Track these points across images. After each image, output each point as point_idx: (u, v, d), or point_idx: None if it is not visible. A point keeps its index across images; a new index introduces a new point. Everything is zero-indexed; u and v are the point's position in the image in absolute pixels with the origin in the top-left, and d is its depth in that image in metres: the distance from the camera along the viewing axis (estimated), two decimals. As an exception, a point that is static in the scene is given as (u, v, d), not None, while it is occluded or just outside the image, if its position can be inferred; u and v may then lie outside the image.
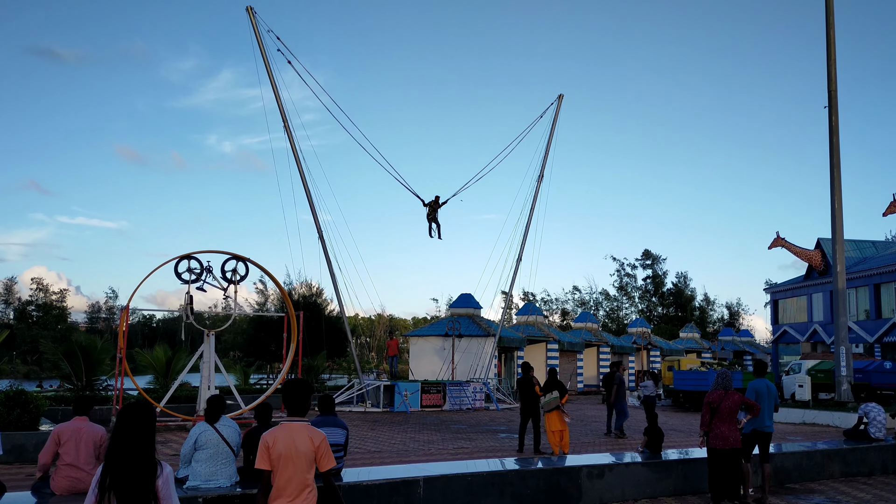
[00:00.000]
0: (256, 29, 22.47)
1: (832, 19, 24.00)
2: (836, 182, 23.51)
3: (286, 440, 4.41)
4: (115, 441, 3.79)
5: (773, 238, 42.05)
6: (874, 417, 12.54)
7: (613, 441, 16.62)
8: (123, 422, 3.83)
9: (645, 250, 76.03)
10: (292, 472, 4.37)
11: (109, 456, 3.77)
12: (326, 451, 4.46)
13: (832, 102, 23.76)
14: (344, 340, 31.52)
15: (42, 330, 63.72)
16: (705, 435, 8.84)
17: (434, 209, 25.30)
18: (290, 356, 19.35)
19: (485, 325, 32.67)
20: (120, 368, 17.46)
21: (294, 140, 23.39)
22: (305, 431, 4.49)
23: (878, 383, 24.93)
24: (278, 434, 4.44)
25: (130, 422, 3.83)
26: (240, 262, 18.35)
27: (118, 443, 3.78)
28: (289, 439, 4.42)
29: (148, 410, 3.96)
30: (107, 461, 3.77)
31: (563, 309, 76.06)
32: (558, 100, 29.24)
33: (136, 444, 3.78)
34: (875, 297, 37.39)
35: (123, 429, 3.80)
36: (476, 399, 26.27)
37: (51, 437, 6.96)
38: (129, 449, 3.76)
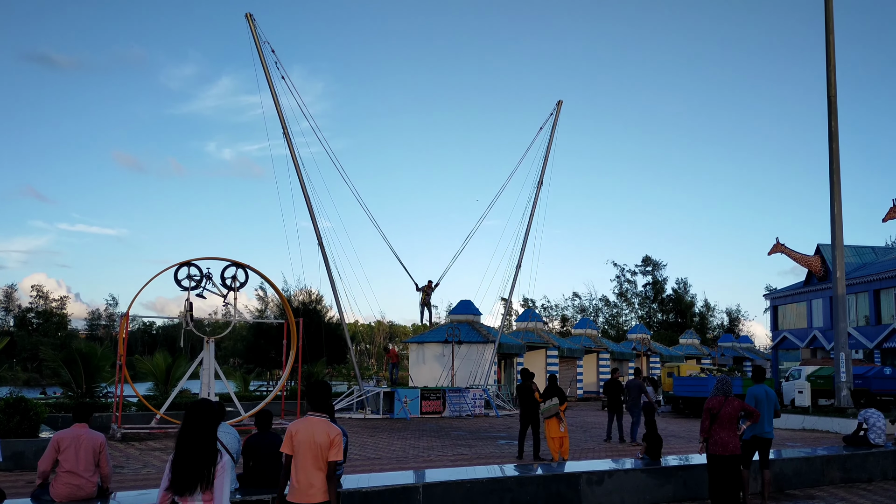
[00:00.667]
0: (256, 36, 22.56)
1: (832, 25, 24.09)
2: (835, 188, 23.55)
3: (307, 431, 5.14)
4: (183, 431, 4.55)
5: (772, 244, 42.12)
6: (874, 423, 12.56)
7: (613, 447, 16.61)
8: (190, 416, 4.59)
9: (645, 256, 76.10)
10: (309, 458, 5.08)
11: (179, 443, 4.53)
12: (339, 444, 5.14)
13: (832, 108, 23.82)
14: (343, 347, 31.51)
15: (42, 337, 63.65)
16: (705, 441, 8.85)
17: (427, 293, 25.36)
18: (289, 363, 19.36)
19: (484, 332, 32.67)
20: (120, 375, 17.48)
21: (293, 147, 23.45)
22: (324, 426, 5.18)
23: (878, 389, 24.91)
24: (301, 425, 5.18)
25: (196, 416, 4.57)
26: (239, 268, 18.38)
27: (186, 433, 4.53)
28: (309, 431, 5.14)
29: (210, 407, 4.67)
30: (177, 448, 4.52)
31: (562, 315, 76.02)
32: (557, 106, 29.32)
33: (200, 435, 4.51)
34: (875, 303, 37.40)
35: (190, 422, 4.56)
36: (476, 406, 26.24)
37: (50, 444, 6.97)
38: (194, 438, 4.50)
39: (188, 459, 4.47)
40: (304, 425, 5.18)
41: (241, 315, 26.15)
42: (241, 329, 41.34)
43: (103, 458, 7.04)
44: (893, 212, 34.02)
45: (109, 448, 7.35)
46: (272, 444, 7.28)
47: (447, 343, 30.48)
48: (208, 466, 4.46)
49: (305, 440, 5.12)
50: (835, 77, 23.93)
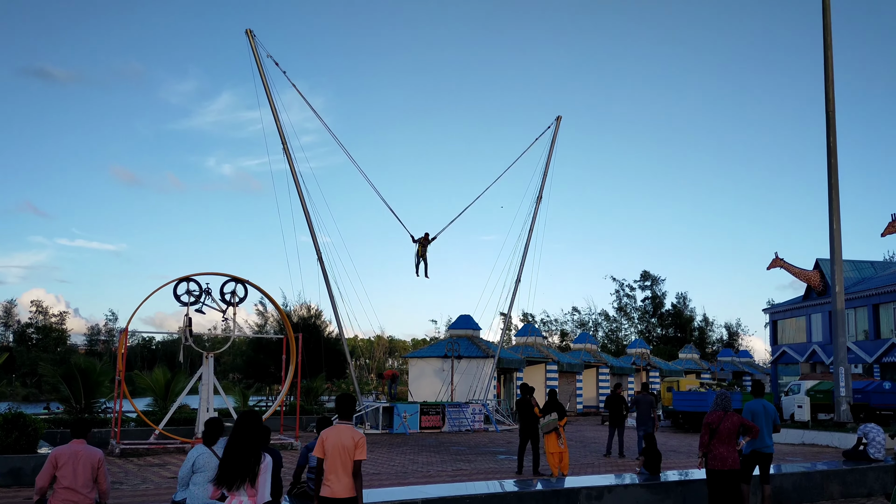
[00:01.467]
0: (256, 52, 22.76)
1: (829, 41, 24.34)
2: (834, 203, 23.66)
3: (335, 437, 6.00)
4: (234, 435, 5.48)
5: (771, 259, 42.20)
6: (873, 438, 12.55)
7: (613, 462, 16.56)
8: (240, 424, 5.58)
9: (643, 271, 76.07)
10: (338, 460, 5.92)
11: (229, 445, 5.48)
12: (362, 445, 6.01)
13: (830, 124, 24.00)
14: (343, 362, 31.46)
15: (41, 352, 63.43)
16: (704, 456, 8.86)
17: (424, 246, 25.26)
18: (288, 378, 19.35)
19: (484, 347, 32.64)
20: (119, 391, 17.46)
21: (293, 162, 23.58)
22: (349, 431, 6.06)
23: (878, 404, 24.88)
24: (331, 432, 6.06)
25: (245, 424, 5.57)
26: (239, 284, 18.44)
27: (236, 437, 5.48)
28: (337, 436, 6.01)
29: (256, 417, 5.70)
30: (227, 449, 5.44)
31: (562, 330, 75.87)
32: (556, 121, 29.51)
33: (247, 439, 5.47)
34: (874, 318, 37.41)
35: (240, 428, 5.54)
36: (475, 420, 26.18)
37: (48, 460, 6.94)
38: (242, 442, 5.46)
39: (237, 459, 5.38)
40: (333, 432, 6.04)
41: (241, 330, 26.11)
42: (241, 344, 41.32)
43: (101, 475, 7.03)
44: (892, 226, 34.12)
45: (108, 464, 7.35)
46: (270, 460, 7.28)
47: (447, 358, 30.45)
48: (253, 465, 5.39)
49: (335, 444, 5.95)
50: (833, 93, 24.14)
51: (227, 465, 5.40)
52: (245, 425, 5.57)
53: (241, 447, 5.45)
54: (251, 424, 5.59)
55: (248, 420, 5.63)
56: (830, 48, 24.29)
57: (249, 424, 5.58)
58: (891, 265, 43.25)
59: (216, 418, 7.40)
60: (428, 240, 25.30)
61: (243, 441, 5.47)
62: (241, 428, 5.55)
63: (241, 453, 5.42)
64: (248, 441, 5.48)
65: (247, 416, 5.70)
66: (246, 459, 5.42)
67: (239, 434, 5.51)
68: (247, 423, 5.58)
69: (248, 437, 5.50)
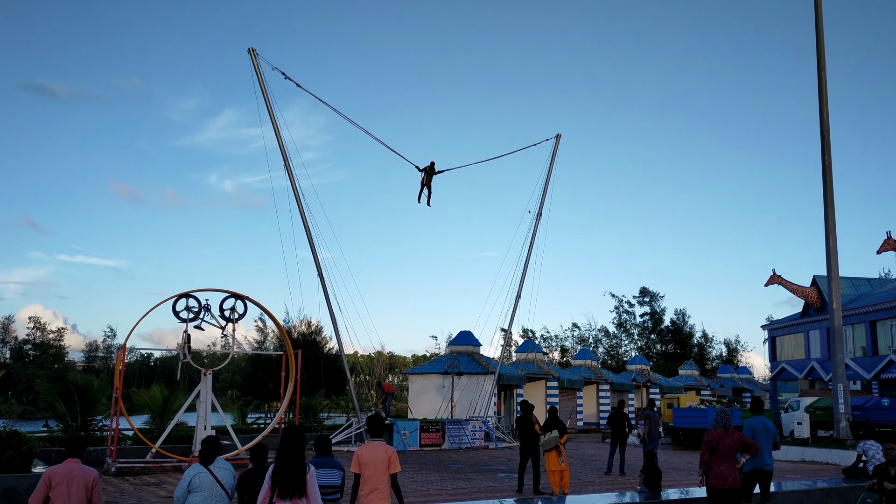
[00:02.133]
0: (258, 70, 22.93)
1: (823, 62, 24.59)
2: (830, 220, 23.76)
3: (371, 453, 6.77)
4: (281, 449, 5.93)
5: (769, 275, 42.24)
6: (873, 455, 12.53)
7: (614, 480, 16.47)
8: (287, 438, 6.03)
9: (642, 288, 76.08)
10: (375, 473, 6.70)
11: (278, 459, 5.88)
12: (395, 459, 6.73)
13: (825, 143, 24.17)
14: (343, 379, 31.30)
15: (38, 369, 63.14)
16: (705, 474, 8.84)
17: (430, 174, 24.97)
18: (288, 395, 19.26)
19: (484, 363, 32.54)
20: (115, 408, 17.36)
21: (294, 179, 23.66)
22: (382, 448, 6.84)
23: (877, 420, 24.81)
24: (365, 449, 6.81)
25: (291, 438, 6.01)
26: (238, 300, 18.40)
27: (283, 450, 5.91)
28: (371, 452, 6.78)
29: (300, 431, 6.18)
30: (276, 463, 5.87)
31: (562, 346, 75.68)
32: (556, 139, 29.67)
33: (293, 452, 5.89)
34: (871, 335, 37.40)
35: (286, 441, 5.98)
36: (475, 438, 26.03)
37: (41, 479, 6.87)
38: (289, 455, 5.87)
39: (288, 471, 5.83)
40: (367, 448, 6.90)
41: (240, 346, 26.00)
42: (240, 361, 41.17)
43: (95, 494, 6.96)
44: (887, 244, 34.22)
45: (103, 483, 7.33)
46: (268, 479, 7.23)
47: (447, 374, 30.34)
48: (302, 476, 5.83)
49: (371, 460, 6.77)
50: (827, 113, 24.34)
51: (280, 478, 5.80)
52: (291, 439, 5.97)
53: (289, 460, 5.84)
54: (296, 439, 5.98)
55: (293, 435, 6.04)
56: (824, 69, 24.54)
57: (295, 439, 5.97)
58: (887, 282, 43.31)
59: (213, 437, 7.35)
60: (434, 169, 25.02)
61: (291, 454, 5.86)
62: (288, 441, 5.92)
63: (291, 465, 5.82)
64: (295, 453, 5.87)
65: (292, 429, 6.15)
66: (296, 471, 5.81)
67: (286, 447, 5.89)
68: (292, 439, 5.98)
69: (295, 449, 5.88)
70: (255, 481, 7.20)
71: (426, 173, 24.90)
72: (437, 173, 25.10)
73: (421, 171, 24.92)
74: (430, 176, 24.96)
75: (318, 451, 7.71)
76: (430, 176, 24.96)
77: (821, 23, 24.81)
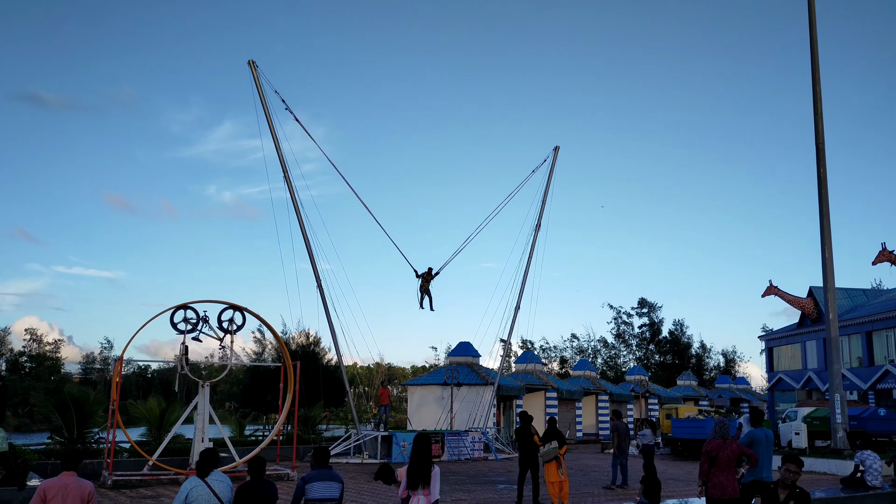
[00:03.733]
0: (258, 82, 23.03)
1: (818, 74, 24.79)
2: (826, 231, 23.87)
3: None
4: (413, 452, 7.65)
5: (766, 286, 42.33)
6: (870, 465, 12.55)
7: (613, 491, 16.44)
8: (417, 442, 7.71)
9: (640, 299, 76.08)
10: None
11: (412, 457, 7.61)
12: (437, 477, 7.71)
13: (820, 155, 24.32)
14: (342, 390, 31.20)
15: (35, 381, 62.82)
16: (704, 485, 8.85)
17: (427, 280, 25.33)
18: (286, 406, 19.22)
19: (483, 374, 32.49)
20: (112, 421, 17.30)
21: (294, 190, 23.70)
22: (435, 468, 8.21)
23: (873, 430, 24.83)
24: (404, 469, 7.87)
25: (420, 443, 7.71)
26: (237, 311, 18.39)
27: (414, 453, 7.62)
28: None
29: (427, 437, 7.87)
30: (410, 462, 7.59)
31: (561, 357, 75.57)
32: (554, 152, 29.79)
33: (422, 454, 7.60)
34: (867, 345, 37.45)
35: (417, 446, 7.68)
36: (475, 449, 25.95)
37: (37, 493, 6.84)
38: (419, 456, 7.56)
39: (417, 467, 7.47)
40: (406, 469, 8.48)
41: (238, 358, 25.89)
42: (238, 372, 41.01)
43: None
44: (882, 255, 34.35)
45: (99, 496, 7.32)
46: (265, 492, 7.14)
47: (446, 385, 30.29)
48: (428, 473, 7.49)
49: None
50: (822, 126, 24.52)
51: (413, 472, 7.44)
52: (421, 444, 7.66)
53: (420, 459, 7.49)
54: (426, 443, 7.68)
55: (423, 440, 7.73)
56: (819, 82, 24.75)
57: (424, 443, 7.67)
58: (882, 293, 43.42)
59: (212, 449, 7.34)
60: (431, 275, 25.37)
61: (421, 455, 7.54)
62: (418, 446, 7.65)
63: (420, 464, 7.46)
64: (424, 455, 7.56)
65: (421, 436, 7.81)
66: (424, 468, 7.46)
67: (418, 450, 7.62)
68: (422, 442, 7.68)
69: (424, 452, 7.58)
70: (253, 494, 7.16)
71: (423, 279, 25.30)
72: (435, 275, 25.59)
73: (418, 277, 25.36)
74: (428, 282, 25.35)
75: (316, 464, 7.69)
76: (428, 282, 25.35)
77: (815, 35, 25.04)
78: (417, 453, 7.58)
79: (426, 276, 25.28)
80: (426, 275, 25.32)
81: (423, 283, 25.30)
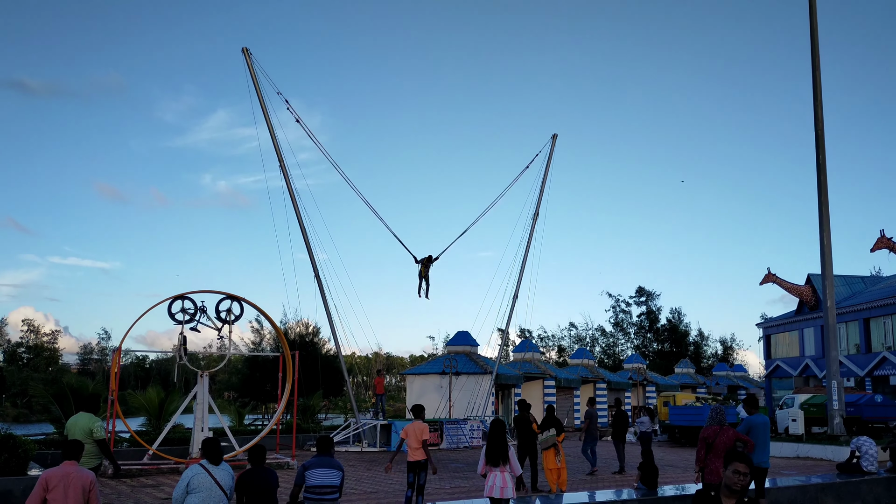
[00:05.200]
0: (252, 70, 22.87)
1: (818, 62, 24.71)
2: (824, 219, 23.88)
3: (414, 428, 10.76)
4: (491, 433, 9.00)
5: (764, 274, 42.41)
6: (866, 451, 12.63)
7: (611, 478, 16.54)
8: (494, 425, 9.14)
9: (639, 287, 76.20)
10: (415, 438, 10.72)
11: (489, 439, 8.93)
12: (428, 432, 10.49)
13: (819, 142, 24.30)
14: (340, 379, 31.27)
15: (33, 372, 62.87)
16: (700, 471, 8.91)
17: (426, 266, 25.30)
18: (285, 396, 19.27)
19: (482, 363, 32.58)
20: (111, 411, 17.33)
21: (290, 179, 23.58)
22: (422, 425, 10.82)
23: (870, 417, 24.98)
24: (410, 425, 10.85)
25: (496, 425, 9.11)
26: (234, 301, 18.38)
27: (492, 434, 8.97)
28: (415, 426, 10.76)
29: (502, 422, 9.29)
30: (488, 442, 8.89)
31: (559, 345, 75.77)
32: (552, 139, 29.71)
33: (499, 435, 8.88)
34: (865, 332, 37.58)
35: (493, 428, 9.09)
36: (473, 437, 26.07)
37: (38, 482, 6.85)
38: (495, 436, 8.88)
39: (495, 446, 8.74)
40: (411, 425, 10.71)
41: (236, 348, 25.90)
42: (237, 362, 41.10)
43: (93, 497, 6.95)
44: (881, 242, 34.40)
45: (100, 485, 7.33)
46: (266, 479, 7.20)
47: (445, 374, 30.39)
48: (506, 450, 8.76)
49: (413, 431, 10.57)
50: (822, 113, 24.48)
51: (491, 451, 8.72)
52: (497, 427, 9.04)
53: (497, 439, 8.80)
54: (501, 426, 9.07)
55: (499, 423, 9.17)
56: (819, 69, 24.67)
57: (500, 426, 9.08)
58: (880, 280, 43.53)
59: (215, 438, 7.37)
60: (431, 261, 25.32)
61: (498, 435, 8.83)
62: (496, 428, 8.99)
63: (498, 443, 8.73)
64: (500, 435, 8.81)
65: (498, 421, 9.27)
66: (502, 447, 8.69)
67: (495, 432, 8.93)
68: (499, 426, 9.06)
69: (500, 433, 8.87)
70: (254, 482, 7.23)
71: (422, 265, 25.21)
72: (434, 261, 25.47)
73: (418, 263, 25.26)
74: (427, 268, 25.25)
75: (319, 451, 7.75)
76: (427, 268, 25.25)
77: (815, 21, 24.95)
78: (494, 435, 8.69)
79: (425, 263, 25.25)
80: (426, 261, 25.29)
81: (423, 270, 25.27)
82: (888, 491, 12.16)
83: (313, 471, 7.41)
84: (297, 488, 7.48)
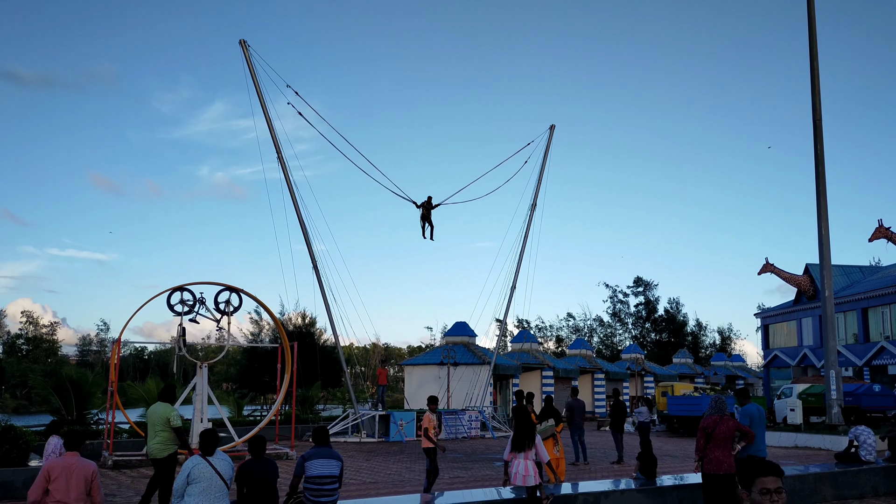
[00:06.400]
0: (249, 61, 22.78)
1: (816, 51, 24.62)
2: (822, 209, 23.87)
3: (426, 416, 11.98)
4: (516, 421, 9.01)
5: (762, 264, 42.45)
6: (864, 440, 12.66)
7: (609, 468, 16.60)
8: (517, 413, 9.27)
9: (636, 277, 76.31)
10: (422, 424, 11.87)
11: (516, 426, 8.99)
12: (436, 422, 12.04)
13: (817, 132, 24.24)
14: (339, 370, 31.30)
15: (32, 363, 62.90)
16: (700, 460, 8.92)
17: (428, 209, 25.06)
18: (284, 387, 19.30)
19: (480, 353, 32.64)
20: (111, 402, 17.36)
21: (287, 170, 23.57)
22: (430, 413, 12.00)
23: (868, 406, 25.06)
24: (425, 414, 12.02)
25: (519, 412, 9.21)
26: (233, 293, 18.38)
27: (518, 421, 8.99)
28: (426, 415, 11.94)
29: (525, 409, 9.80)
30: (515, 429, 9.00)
31: (557, 336, 75.93)
32: (550, 130, 29.64)
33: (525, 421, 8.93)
34: (863, 322, 37.67)
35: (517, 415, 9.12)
36: (472, 427, 26.15)
37: (40, 473, 6.86)
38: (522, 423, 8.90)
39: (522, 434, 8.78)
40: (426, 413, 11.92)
41: (235, 339, 26.03)
42: (235, 353, 41.13)
43: (95, 487, 6.96)
44: (879, 232, 34.42)
45: (101, 476, 7.32)
46: (266, 470, 7.24)
47: (443, 365, 30.44)
48: (532, 436, 8.81)
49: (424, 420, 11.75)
50: (819, 103, 24.40)
51: (517, 438, 8.78)
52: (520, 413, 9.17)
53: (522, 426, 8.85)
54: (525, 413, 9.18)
55: (522, 410, 9.46)
56: (816, 59, 24.59)
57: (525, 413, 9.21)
58: (878, 270, 43.59)
59: (212, 429, 7.37)
60: (431, 204, 25.08)
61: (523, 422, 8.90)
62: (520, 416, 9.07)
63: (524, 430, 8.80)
64: (526, 422, 8.90)
65: (520, 408, 9.79)
66: (526, 434, 8.76)
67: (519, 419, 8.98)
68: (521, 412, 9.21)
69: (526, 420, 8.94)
70: (254, 472, 7.27)
71: (424, 208, 25.01)
72: (435, 207, 25.23)
73: (419, 207, 25.06)
74: (429, 210, 25.06)
75: (316, 442, 7.74)
76: (429, 210, 25.06)
77: (813, 11, 24.82)
78: (520, 423, 8.89)
79: (426, 206, 25.03)
80: (426, 204, 25.06)
81: (424, 212, 25.06)
82: (886, 480, 12.21)
83: (313, 461, 7.42)
84: (297, 479, 7.50)
